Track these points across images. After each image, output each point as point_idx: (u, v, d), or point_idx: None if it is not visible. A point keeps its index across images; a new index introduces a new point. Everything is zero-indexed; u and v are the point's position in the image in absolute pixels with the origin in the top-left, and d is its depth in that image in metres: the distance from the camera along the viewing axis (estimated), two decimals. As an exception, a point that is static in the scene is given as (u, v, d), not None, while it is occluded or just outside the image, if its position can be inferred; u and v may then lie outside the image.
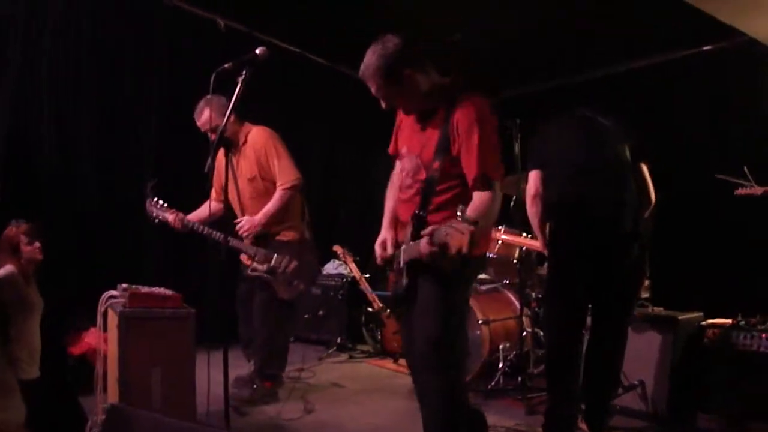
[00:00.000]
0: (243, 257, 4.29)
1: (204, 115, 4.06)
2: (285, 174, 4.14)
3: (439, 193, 2.65)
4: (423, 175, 2.70)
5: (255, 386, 4.17)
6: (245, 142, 4.20)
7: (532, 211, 3.49)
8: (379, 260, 2.84)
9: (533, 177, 3.48)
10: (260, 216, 4.11)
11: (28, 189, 4.66)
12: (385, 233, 2.86)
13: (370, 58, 2.62)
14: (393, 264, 2.76)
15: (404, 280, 2.64)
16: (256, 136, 4.20)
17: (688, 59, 5.70)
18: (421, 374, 2.74)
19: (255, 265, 4.17)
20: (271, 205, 4.11)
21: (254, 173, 4.17)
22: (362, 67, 2.65)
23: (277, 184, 4.15)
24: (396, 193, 2.92)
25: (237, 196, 4.26)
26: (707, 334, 3.78)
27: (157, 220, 4.26)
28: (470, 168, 2.57)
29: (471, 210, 2.37)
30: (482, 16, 5.61)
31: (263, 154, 4.15)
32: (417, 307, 2.66)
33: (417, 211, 2.63)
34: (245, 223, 4.12)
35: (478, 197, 2.55)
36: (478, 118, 2.56)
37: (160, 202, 4.25)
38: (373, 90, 2.67)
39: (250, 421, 3.77)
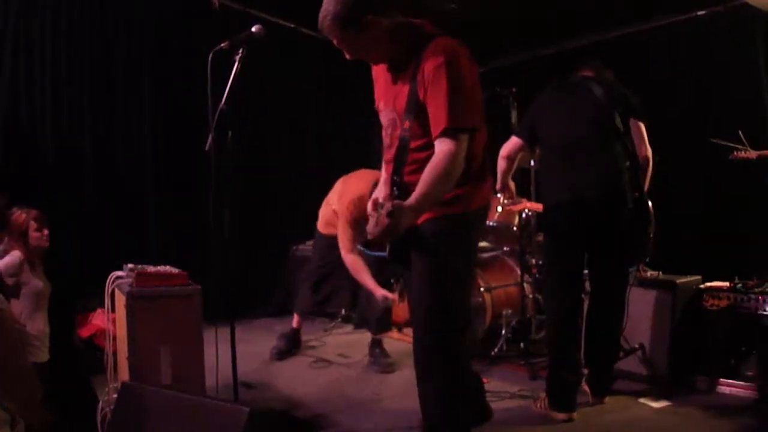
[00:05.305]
0: None
1: None
2: None
3: (414, 151, 2.42)
4: (399, 132, 2.45)
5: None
6: None
7: (500, 165, 3.59)
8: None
9: (511, 141, 3.57)
10: None
11: (29, 172, 4.67)
12: (377, 193, 2.71)
13: (327, 6, 2.33)
14: None
15: (387, 246, 2.49)
16: None
17: (682, 24, 5.67)
18: (419, 342, 2.52)
19: None
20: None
21: None
22: (319, 17, 2.35)
23: None
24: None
25: None
26: (705, 298, 3.83)
27: None
28: (437, 119, 2.29)
29: (428, 169, 2.26)
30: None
31: None
32: (414, 275, 2.50)
33: (393, 176, 2.44)
34: None
35: (438, 149, 2.29)
36: (446, 62, 2.27)
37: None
38: (335, 41, 2.40)
39: (258, 395, 3.82)
